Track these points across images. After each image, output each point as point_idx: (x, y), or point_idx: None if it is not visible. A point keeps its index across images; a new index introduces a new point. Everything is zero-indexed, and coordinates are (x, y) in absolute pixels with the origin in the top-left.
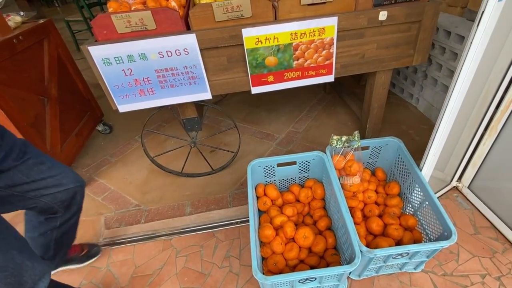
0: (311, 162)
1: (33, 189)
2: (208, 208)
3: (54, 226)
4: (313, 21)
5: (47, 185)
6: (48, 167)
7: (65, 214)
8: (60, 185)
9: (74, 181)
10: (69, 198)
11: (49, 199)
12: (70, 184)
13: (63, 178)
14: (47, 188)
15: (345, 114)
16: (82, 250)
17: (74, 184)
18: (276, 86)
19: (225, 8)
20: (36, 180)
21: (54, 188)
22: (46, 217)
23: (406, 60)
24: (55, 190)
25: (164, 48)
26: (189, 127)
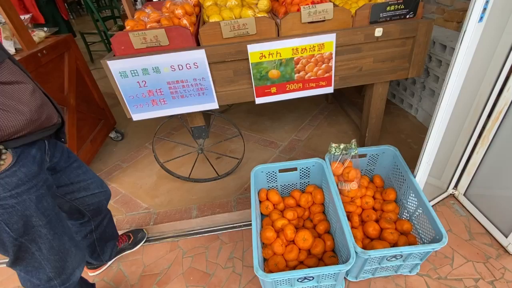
0: (311, 168)
1: (70, 191)
2: (213, 212)
3: (91, 229)
4: (313, 37)
5: (79, 188)
6: (83, 171)
7: (95, 218)
8: (88, 189)
9: (100, 187)
10: (95, 203)
11: (79, 202)
12: (96, 189)
13: (91, 184)
14: (80, 191)
15: (346, 124)
16: (129, 238)
17: (99, 190)
18: (278, 97)
19: (232, 26)
20: (74, 183)
21: (83, 191)
22: (81, 222)
23: (402, 73)
24: (84, 194)
25: (176, 62)
26: (197, 134)
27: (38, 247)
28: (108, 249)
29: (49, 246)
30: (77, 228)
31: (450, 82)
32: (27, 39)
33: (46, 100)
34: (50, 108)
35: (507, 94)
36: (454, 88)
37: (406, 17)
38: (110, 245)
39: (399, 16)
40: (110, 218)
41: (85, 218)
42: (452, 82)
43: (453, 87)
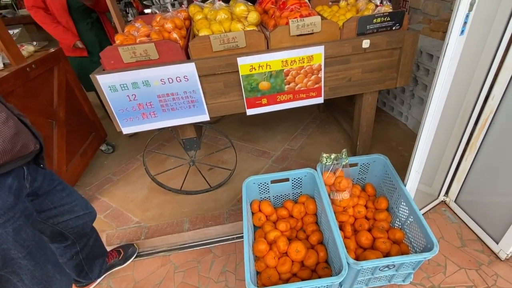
0: (303, 178)
1: (53, 215)
2: (205, 225)
3: (76, 251)
4: (302, 49)
5: (63, 211)
6: (66, 194)
7: (80, 240)
8: (73, 212)
9: (84, 209)
10: (79, 225)
11: (62, 226)
12: (80, 211)
13: (76, 206)
14: (63, 215)
15: (338, 132)
16: (119, 254)
17: (83, 212)
18: (269, 108)
19: (222, 40)
20: (57, 206)
21: (68, 215)
22: (64, 245)
23: (390, 82)
24: (68, 217)
25: (166, 75)
26: (188, 146)
27: (20, 278)
28: (97, 267)
29: (31, 276)
30: (61, 251)
31: (436, 92)
32: (15, 54)
33: (22, 128)
34: (26, 136)
35: (492, 102)
36: (440, 97)
37: (392, 29)
38: (99, 263)
39: (385, 28)
40: (97, 237)
41: (69, 241)
42: (438, 92)
43: (439, 96)
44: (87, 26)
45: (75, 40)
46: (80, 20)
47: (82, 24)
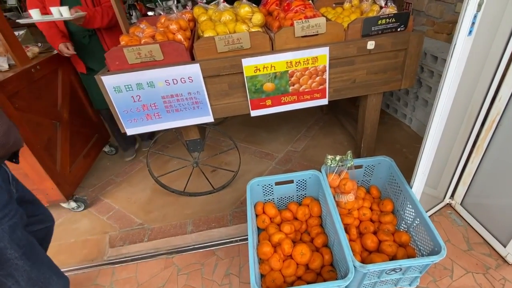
0: (307, 180)
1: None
2: (209, 227)
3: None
4: (306, 51)
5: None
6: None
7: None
8: (43, 222)
9: (50, 220)
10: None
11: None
12: (48, 222)
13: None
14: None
15: (341, 134)
16: None
17: (50, 223)
18: (273, 109)
19: (227, 41)
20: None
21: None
22: None
23: (395, 84)
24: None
25: (171, 76)
26: (192, 148)
27: (15, 280)
28: None
29: (27, 277)
30: None
31: (443, 94)
32: (20, 55)
33: (12, 124)
34: (15, 132)
35: (499, 103)
36: (447, 99)
37: (397, 30)
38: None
39: (390, 29)
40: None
41: None
42: (445, 94)
43: (446, 98)
44: (84, 39)
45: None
46: (76, 32)
47: (78, 36)
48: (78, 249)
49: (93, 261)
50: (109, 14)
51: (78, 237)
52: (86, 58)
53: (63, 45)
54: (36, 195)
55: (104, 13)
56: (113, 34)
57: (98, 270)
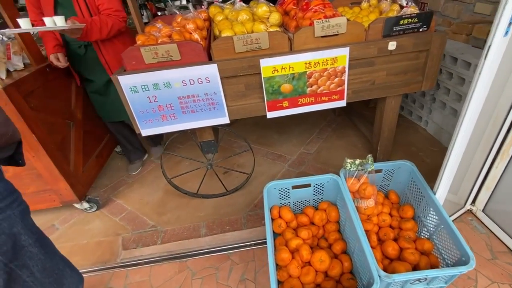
0: (325, 184)
1: None
2: (222, 230)
3: None
4: (326, 51)
5: None
6: None
7: None
8: None
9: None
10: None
11: None
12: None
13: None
14: None
15: (355, 136)
16: None
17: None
18: (290, 111)
19: (245, 41)
20: None
21: None
22: None
23: (415, 86)
24: None
25: (188, 77)
26: (206, 149)
27: (30, 272)
28: None
29: (42, 267)
30: None
31: (473, 99)
32: (35, 54)
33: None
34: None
35: None
36: (477, 105)
37: (419, 31)
38: None
39: (412, 29)
40: None
41: None
42: (475, 99)
43: (476, 104)
44: (79, 50)
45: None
46: (71, 41)
47: (73, 46)
48: (91, 251)
49: (106, 263)
50: (108, 24)
51: (91, 238)
52: (82, 69)
53: (53, 56)
54: (50, 196)
55: (102, 23)
56: (111, 45)
57: (112, 272)
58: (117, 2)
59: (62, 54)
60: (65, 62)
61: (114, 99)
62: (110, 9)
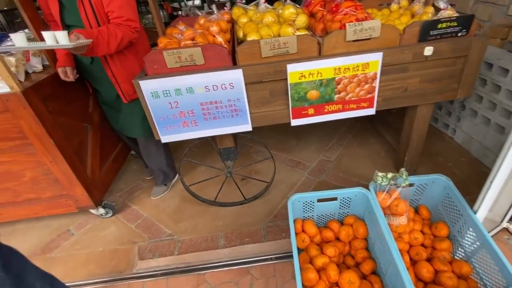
0: (352, 198)
1: None
2: (242, 242)
3: None
4: (357, 56)
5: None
6: None
7: None
8: None
9: None
10: None
11: None
12: None
13: None
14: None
15: (378, 144)
16: None
17: None
18: (316, 118)
19: (272, 45)
20: None
21: None
22: None
23: (450, 94)
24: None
25: (211, 82)
26: (225, 156)
27: None
28: None
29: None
30: None
31: None
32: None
33: None
34: None
35: None
36: None
37: (457, 35)
38: None
39: (450, 34)
40: None
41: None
42: None
43: None
44: (85, 60)
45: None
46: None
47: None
48: (107, 259)
49: (122, 273)
50: (117, 36)
51: (107, 246)
52: (90, 78)
53: (61, 70)
54: (66, 201)
55: (110, 36)
56: (120, 56)
57: (128, 283)
58: (130, 10)
59: (71, 68)
60: (73, 77)
61: (126, 115)
62: (120, 17)
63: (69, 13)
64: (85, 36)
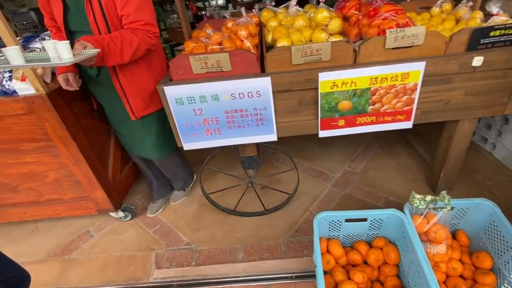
0: (384, 220)
1: None
2: (261, 256)
3: None
4: (397, 65)
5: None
6: None
7: None
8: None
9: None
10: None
11: None
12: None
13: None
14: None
15: (408, 156)
16: None
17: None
18: (346, 130)
19: (304, 52)
20: None
21: None
22: None
23: (498, 108)
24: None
25: (238, 90)
26: (247, 165)
27: None
28: None
29: None
30: None
31: None
32: None
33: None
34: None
35: None
36: None
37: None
38: None
39: (504, 42)
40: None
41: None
42: None
43: None
44: (90, 70)
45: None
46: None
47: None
48: (124, 265)
49: (138, 281)
50: (132, 43)
51: (125, 251)
52: (95, 92)
53: (62, 77)
54: (86, 203)
55: (124, 43)
56: (131, 67)
57: None
58: (148, 12)
59: (73, 74)
60: (77, 85)
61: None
62: (137, 22)
63: (74, 17)
64: (94, 44)
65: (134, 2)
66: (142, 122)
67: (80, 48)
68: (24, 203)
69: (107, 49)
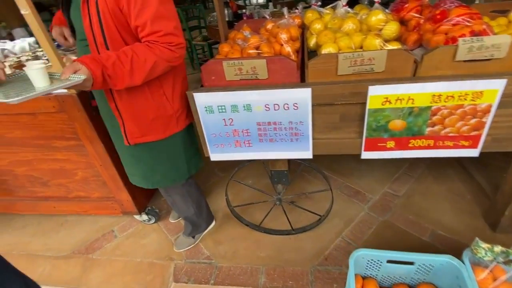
0: (435, 266)
1: None
2: (284, 284)
3: None
4: (469, 82)
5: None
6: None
7: None
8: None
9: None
10: None
11: None
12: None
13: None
14: None
15: (462, 182)
16: None
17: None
18: (395, 153)
19: (354, 61)
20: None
21: None
22: None
23: None
24: None
25: (273, 101)
26: (276, 179)
27: None
28: None
29: None
30: None
31: None
32: None
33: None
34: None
35: None
36: None
37: None
38: None
39: None
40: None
41: None
42: None
43: None
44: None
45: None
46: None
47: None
48: (144, 273)
49: None
50: (146, 61)
51: (145, 257)
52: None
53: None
54: (112, 204)
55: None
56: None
57: None
58: (169, 20)
59: (67, 28)
60: (73, 42)
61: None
62: (155, 33)
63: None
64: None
65: (150, 8)
66: (137, 150)
67: (68, 73)
68: (55, 197)
69: (112, 71)
